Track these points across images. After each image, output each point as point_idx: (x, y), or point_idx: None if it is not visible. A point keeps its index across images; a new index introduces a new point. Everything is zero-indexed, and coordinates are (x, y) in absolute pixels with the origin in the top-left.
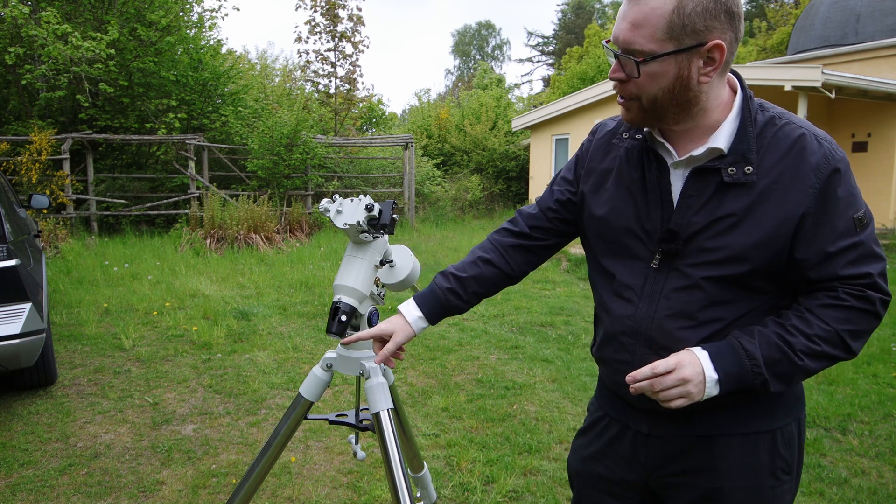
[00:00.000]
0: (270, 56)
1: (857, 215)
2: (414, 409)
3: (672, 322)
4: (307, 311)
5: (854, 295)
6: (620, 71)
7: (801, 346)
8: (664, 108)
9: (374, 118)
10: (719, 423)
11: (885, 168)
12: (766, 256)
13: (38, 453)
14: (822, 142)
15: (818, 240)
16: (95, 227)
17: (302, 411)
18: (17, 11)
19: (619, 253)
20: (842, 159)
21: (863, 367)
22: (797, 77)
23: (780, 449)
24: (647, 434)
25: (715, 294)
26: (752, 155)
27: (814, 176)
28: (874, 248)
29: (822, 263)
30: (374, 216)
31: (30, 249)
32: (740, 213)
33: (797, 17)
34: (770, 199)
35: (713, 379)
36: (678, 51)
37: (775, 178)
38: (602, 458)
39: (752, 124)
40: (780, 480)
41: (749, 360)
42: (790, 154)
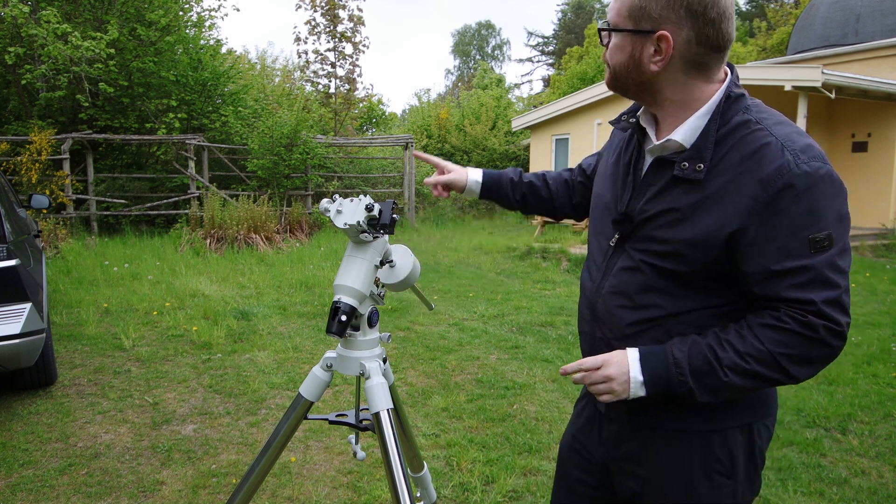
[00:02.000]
0: (270, 56)
1: (814, 236)
2: (414, 409)
3: (612, 299)
4: (307, 311)
5: (795, 319)
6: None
7: (729, 361)
8: (624, 82)
9: (373, 118)
10: (659, 416)
11: (885, 168)
12: (703, 260)
13: (38, 453)
14: (787, 153)
15: (762, 256)
16: (95, 227)
17: (302, 411)
18: (17, 11)
19: (597, 230)
20: (803, 175)
21: (863, 367)
22: (797, 77)
23: (716, 451)
24: (605, 414)
25: (654, 281)
26: (708, 153)
27: (760, 188)
28: (828, 274)
29: (765, 281)
30: (374, 216)
31: (30, 249)
32: (684, 210)
33: (797, 17)
34: (714, 203)
35: (638, 380)
36: (633, 31)
37: (726, 182)
38: (578, 434)
39: (720, 123)
40: (714, 482)
41: (675, 367)
42: (748, 161)
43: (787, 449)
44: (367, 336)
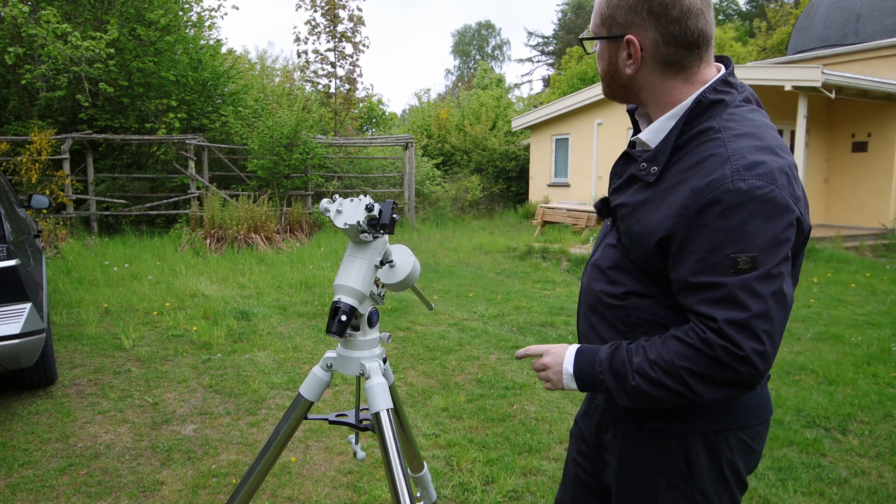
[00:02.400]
0: (270, 56)
1: (737, 256)
2: (414, 409)
3: (592, 272)
4: (307, 311)
5: (696, 334)
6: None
7: (637, 366)
8: (612, 88)
9: (373, 118)
10: (633, 411)
11: (885, 168)
12: (642, 255)
13: (38, 453)
14: (728, 167)
15: (683, 266)
16: (95, 227)
17: (302, 411)
18: (17, 11)
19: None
20: (735, 191)
21: (863, 367)
22: (797, 77)
23: (672, 453)
24: (596, 403)
25: (623, 261)
26: (663, 157)
27: (693, 198)
28: (739, 296)
29: (683, 291)
30: (374, 216)
31: (30, 249)
32: (632, 206)
33: (797, 17)
34: (655, 206)
35: (569, 373)
36: (606, 37)
37: (671, 186)
38: (579, 420)
39: (685, 128)
40: (671, 484)
41: (598, 365)
42: (692, 169)
43: (787, 449)
44: (367, 336)
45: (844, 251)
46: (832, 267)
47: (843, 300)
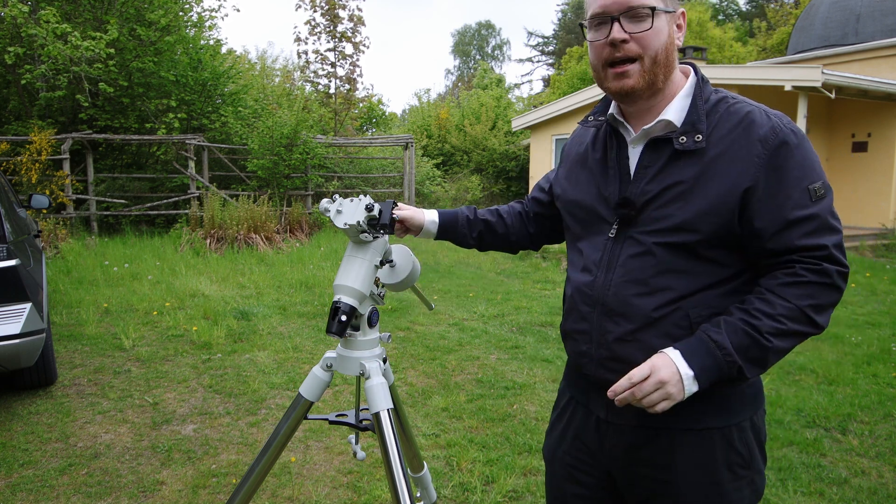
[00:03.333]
0: (270, 56)
1: (812, 186)
2: (414, 409)
3: (627, 288)
4: (307, 311)
5: (811, 269)
6: (622, 31)
7: (767, 328)
8: (659, 67)
9: (374, 118)
10: (673, 417)
11: (885, 168)
12: (715, 224)
13: (38, 453)
14: (772, 117)
15: (773, 209)
16: (95, 227)
17: (302, 411)
18: (17, 11)
19: (585, 230)
20: (791, 132)
21: (863, 367)
22: (797, 77)
23: (736, 444)
24: (605, 420)
25: (667, 261)
26: (702, 125)
27: (760, 146)
28: (830, 221)
29: (779, 233)
30: (374, 216)
31: (30, 249)
32: (690, 181)
33: (797, 17)
34: (718, 169)
35: (689, 375)
36: (668, 11)
37: (724, 148)
38: (567, 444)
39: (703, 101)
40: (736, 475)
41: (720, 350)
42: (739, 127)
43: (787, 449)
44: (367, 336)
45: None
46: None
47: (843, 300)
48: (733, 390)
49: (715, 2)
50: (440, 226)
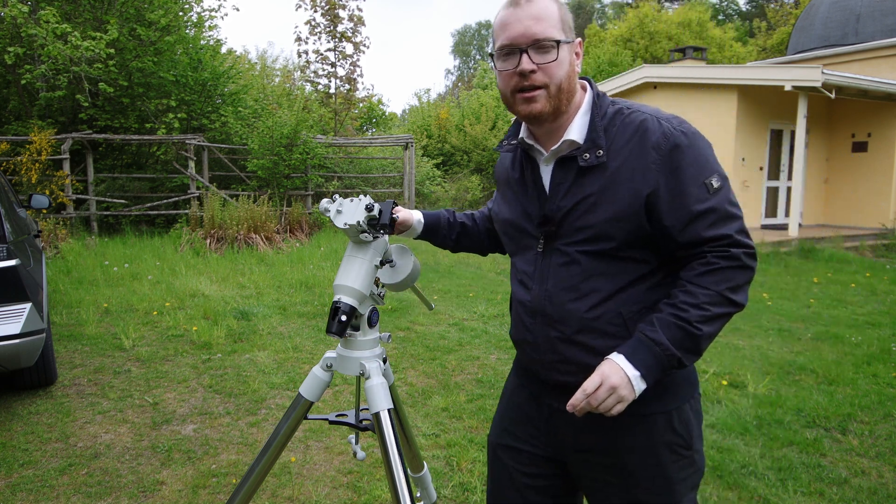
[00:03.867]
0: (270, 56)
1: (707, 181)
2: (414, 409)
3: (560, 296)
4: (307, 311)
5: (721, 256)
6: (529, 62)
7: (695, 317)
8: (562, 95)
9: (374, 118)
10: None
11: (885, 168)
12: (626, 230)
13: (38, 453)
14: (663, 122)
15: (677, 207)
16: (95, 227)
17: (302, 411)
18: (17, 11)
19: (518, 246)
20: (682, 134)
21: (863, 367)
22: (797, 77)
23: (677, 427)
24: (558, 409)
25: (591, 266)
26: (601, 141)
27: (655, 153)
28: (729, 209)
29: (686, 227)
30: (374, 216)
31: (30, 249)
32: (597, 194)
33: (797, 17)
34: (621, 178)
35: (636, 376)
36: (568, 41)
37: (623, 159)
38: (516, 430)
39: (600, 117)
40: (679, 455)
41: (658, 346)
42: (634, 137)
43: (787, 449)
44: (367, 336)
45: (844, 251)
46: (832, 267)
47: (843, 300)
48: (671, 377)
49: (715, 2)
50: (425, 226)
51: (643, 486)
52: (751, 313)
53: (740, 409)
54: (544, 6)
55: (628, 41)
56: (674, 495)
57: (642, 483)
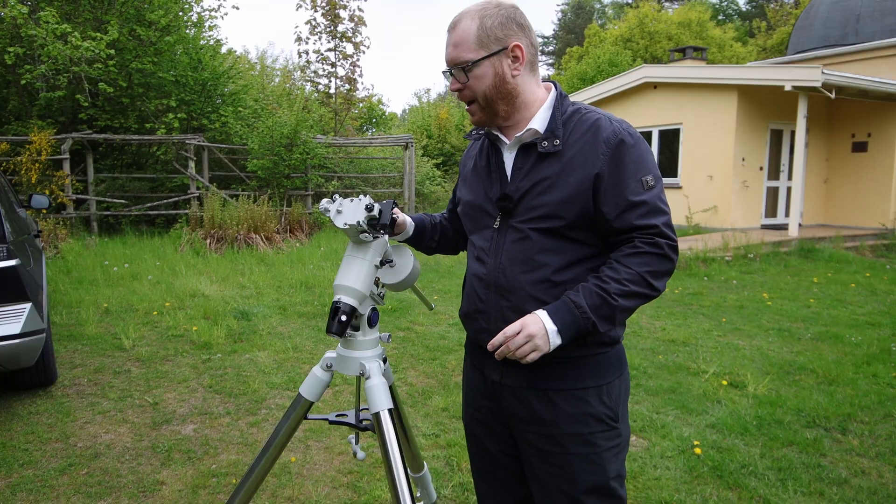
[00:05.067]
0: (270, 56)
1: (644, 178)
2: (414, 409)
3: (512, 268)
4: (307, 311)
5: (646, 242)
6: (457, 83)
7: (614, 290)
8: (494, 101)
9: (374, 118)
10: (556, 379)
11: (885, 168)
12: (575, 211)
13: (38, 453)
14: (614, 122)
15: (616, 195)
16: (95, 227)
17: (302, 411)
18: (17, 11)
19: (476, 225)
20: (628, 134)
21: (863, 367)
22: (797, 77)
23: (606, 400)
24: (500, 383)
25: (542, 243)
26: (560, 132)
27: (604, 146)
28: (659, 205)
29: (621, 214)
30: (374, 216)
31: (30, 249)
32: (553, 177)
33: (797, 17)
34: (574, 165)
35: (553, 330)
36: (490, 55)
37: (578, 150)
38: (478, 400)
39: (561, 112)
40: (607, 426)
41: (577, 308)
42: (589, 132)
43: (787, 449)
44: (367, 336)
45: (844, 251)
46: (832, 267)
47: (843, 300)
48: (604, 356)
49: (715, 2)
50: (416, 229)
51: (575, 453)
52: (751, 313)
53: (740, 409)
54: (463, 30)
55: (628, 41)
56: (602, 463)
57: (574, 450)
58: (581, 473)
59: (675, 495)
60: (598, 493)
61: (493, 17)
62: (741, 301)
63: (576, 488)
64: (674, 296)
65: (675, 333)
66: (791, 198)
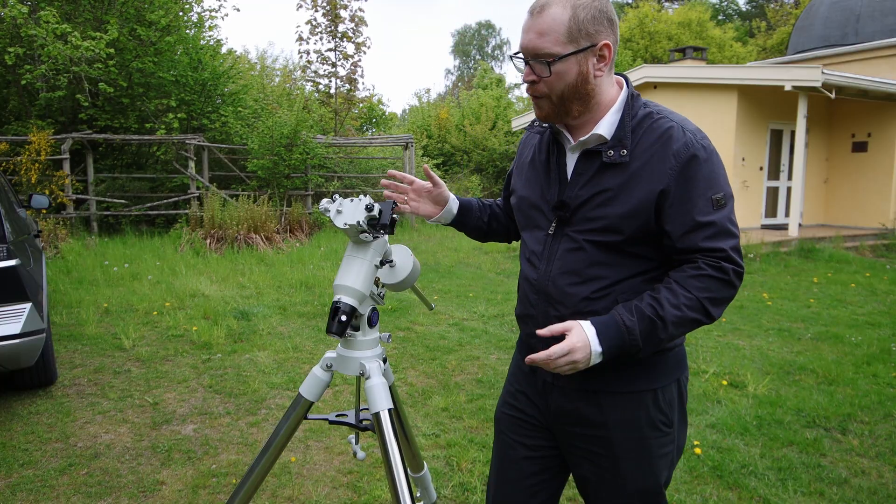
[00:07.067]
0: (270, 56)
1: (715, 196)
2: (414, 409)
3: (563, 279)
4: (307, 311)
5: (711, 266)
6: (532, 74)
7: (670, 316)
8: (569, 101)
9: (374, 118)
10: (608, 381)
11: (885, 168)
12: (636, 226)
13: (38, 453)
14: (687, 133)
15: (682, 213)
16: (95, 227)
17: (302, 411)
18: (17, 11)
19: (529, 224)
20: (702, 148)
21: (863, 367)
22: (797, 77)
23: (661, 405)
24: (552, 383)
25: (596, 255)
26: (628, 141)
27: (674, 160)
28: (728, 227)
29: (686, 234)
30: (374, 216)
31: (30, 249)
32: (616, 189)
33: (797, 17)
34: (640, 178)
35: (598, 352)
36: (577, 51)
37: (645, 161)
38: (517, 401)
39: (630, 117)
40: (661, 432)
41: (629, 334)
42: (659, 142)
43: (787, 449)
44: (367, 336)
45: (844, 251)
46: (832, 267)
47: (843, 300)
48: (661, 357)
49: (715, 2)
50: (460, 207)
51: (625, 457)
52: (751, 313)
53: (740, 409)
54: (552, 18)
55: (628, 41)
56: (653, 469)
57: (624, 455)
58: (630, 478)
59: (675, 495)
60: (646, 498)
61: (586, 9)
62: (741, 301)
63: (624, 492)
64: None
65: None
66: (791, 198)
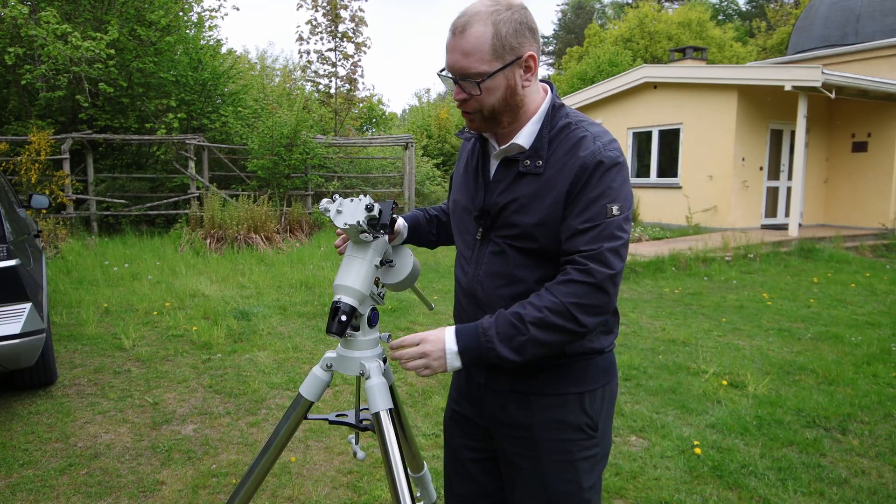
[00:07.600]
0: (270, 56)
1: (608, 204)
2: (414, 409)
3: (489, 281)
4: (307, 311)
5: (578, 269)
6: (462, 93)
7: (530, 317)
8: (500, 113)
9: (374, 118)
10: (538, 384)
11: (885, 168)
12: (547, 235)
13: (38, 453)
14: (598, 142)
15: (571, 216)
16: (95, 227)
17: (302, 411)
18: (17, 11)
19: (461, 229)
20: (609, 157)
21: (863, 367)
22: (797, 77)
23: (587, 409)
24: (485, 384)
25: (518, 259)
26: (544, 151)
27: (580, 167)
28: (614, 231)
29: (571, 238)
30: (374, 216)
31: (30, 249)
32: (528, 198)
33: (797, 17)
34: (551, 187)
35: (453, 351)
36: (504, 66)
37: (557, 170)
38: (458, 405)
39: (549, 127)
40: (585, 434)
41: (484, 336)
42: (571, 150)
43: (787, 449)
44: (367, 336)
45: (844, 251)
46: (832, 267)
47: (843, 300)
48: (588, 363)
49: (715, 2)
50: (409, 228)
51: (545, 458)
52: (751, 313)
53: (740, 409)
54: (475, 37)
55: (628, 41)
56: (575, 471)
57: (545, 455)
58: (553, 480)
59: (675, 495)
60: (565, 501)
61: (507, 24)
62: (741, 301)
63: (547, 495)
64: (674, 296)
65: (675, 333)
66: (791, 198)
